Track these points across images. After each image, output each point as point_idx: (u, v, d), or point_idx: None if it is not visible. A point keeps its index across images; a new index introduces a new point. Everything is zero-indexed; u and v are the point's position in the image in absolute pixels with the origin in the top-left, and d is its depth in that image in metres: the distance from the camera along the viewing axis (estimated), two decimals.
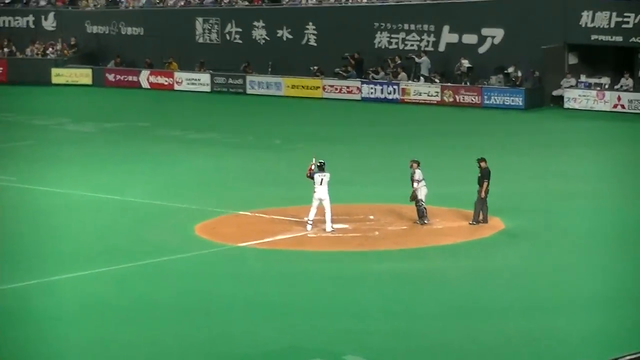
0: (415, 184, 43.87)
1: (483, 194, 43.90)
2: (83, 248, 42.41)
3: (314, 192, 43.57)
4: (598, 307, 34.84)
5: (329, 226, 43.74)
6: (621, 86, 64.52)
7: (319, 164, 44.08)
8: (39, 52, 76.89)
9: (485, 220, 44.09)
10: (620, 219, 45.39)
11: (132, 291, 37.86)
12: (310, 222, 43.97)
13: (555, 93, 65.89)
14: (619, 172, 53.47)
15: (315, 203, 43.58)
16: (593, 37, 64.88)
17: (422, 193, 43.72)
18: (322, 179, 43.41)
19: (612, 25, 64.18)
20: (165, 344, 32.81)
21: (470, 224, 44.31)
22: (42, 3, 78.86)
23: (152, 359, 32.15)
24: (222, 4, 76.11)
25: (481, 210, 44.08)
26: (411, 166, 44.22)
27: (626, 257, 40.37)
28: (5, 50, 76.53)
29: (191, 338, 33.29)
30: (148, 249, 42.30)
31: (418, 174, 44.08)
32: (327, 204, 43.38)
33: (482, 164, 44.18)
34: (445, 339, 32.75)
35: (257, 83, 72.64)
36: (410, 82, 68.83)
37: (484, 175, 43.87)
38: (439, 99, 67.45)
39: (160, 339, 33.07)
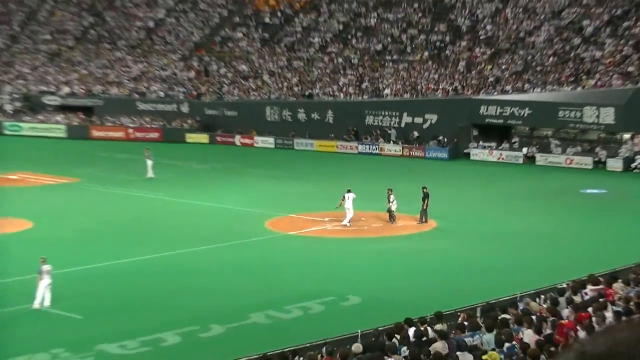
0: (389, 203, 43.96)
1: (425, 207, 43.71)
2: (202, 232, 42.54)
3: (344, 201, 43.72)
4: (487, 271, 35.20)
5: (345, 221, 43.60)
6: (502, 147, 64.22)
7: (347, 190, 44.00)
8: (179, 125, 76.77)
9: (426, 222, 43.87)
10: (501, 224, 44.36)
11: (227, 258, 38.41)
12: (348, 223, 44.11)
13: (465, 151, 65.43)
14: (501, 196, 52.59)
15: (346, 211, 43.66)
16: (487, 120, 64.47)
17: (394, 207, 43.74)
18: (348, 197, 43.28)
19: (498, 113, 63.92)
20: (243, 287, 33.68)
21: (417, 223, 44.12)
22: (181, 97, 78.89)
23: (235, 296, 33.00)
24: (280, 99, 75.72)
25: (424, 216, 43.87)
26: (388, 192, 44.10)
27: (471, 244, 40.78)
28: (161, 123, 76.38)
29: (257, 284, 34.08)
30: (237, 235, 42.14)
31: (392, 197, 44.02)
32: (349, 212, 43.42)
33: (425, 190, 44.00)
34: (407, 285, 33.58)
35: (300, 143, 72.07)
36: (385, 143, 68.43)
37: (426, 196, 43.75)
38: (401, 153, 67.00)
39: (243, 285, 33.98)
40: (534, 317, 20.86)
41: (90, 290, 32.76)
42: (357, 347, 20.22)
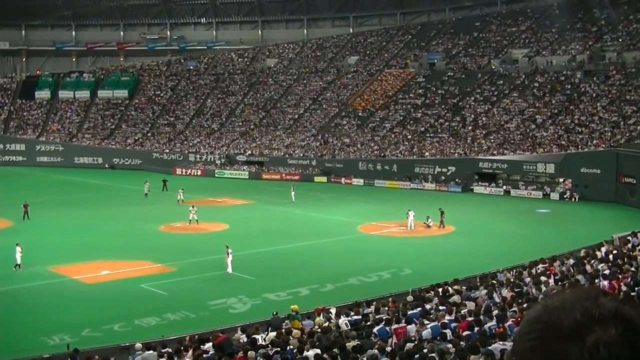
0: (427, 220, 42.14)
1: (442, 218, 42.10)
2: (322, 231, 41.04)
3: (408, 217, 41.88)
4: (482, 255, 33.68)
5: (409, 227, 41.64)
6: (491, 186, 62.11)
7: (408, 210, 42.19)
8: (310, 171, 76.05)
9: (443, 227, 41.93)
10: (491, 229, 42.00)
11: (336, 246, 37.28)
12: (412, 227, 41.79)
13: (471, 187, 62.95)
14: (491, 214, 49.90)
15: (408, 220, 41.78)
16: (483, 170, 62.06)
17: (430, 222, 41.60)
18: (410, 214, 41.60)
19: (489, 166, 62.03)
20: (344, 263, 32.74)
21: (439, 227, 42.13)
22: (312, 156, 78.94)
23: (340, 267, 31.65)
24: (367, 158, 75.88)
25: (442, 223, 42.18)
26: (440, 210, 42.61)
27: (474, 239, 38.66)
28: (300, 170, 76.20)
29: (352, 261, 33.13)
30: (342, 233, 40.60)
31: (430, 220, 42.20)
32: (410, 222, 41.46)
33: (441, 209, 42.39)
34: (436, 262, 32.63)
35: (378, 182, 67.60)
36: (425, 183, 66.02)
37: (442, 213, 42.19)
38: (434, 188, 63.26)
39: (344, 261, 33.00)
40: (506, 281, 20.57)
41: (259, 263, 32.69)
42: (409, 298, 20.55)
